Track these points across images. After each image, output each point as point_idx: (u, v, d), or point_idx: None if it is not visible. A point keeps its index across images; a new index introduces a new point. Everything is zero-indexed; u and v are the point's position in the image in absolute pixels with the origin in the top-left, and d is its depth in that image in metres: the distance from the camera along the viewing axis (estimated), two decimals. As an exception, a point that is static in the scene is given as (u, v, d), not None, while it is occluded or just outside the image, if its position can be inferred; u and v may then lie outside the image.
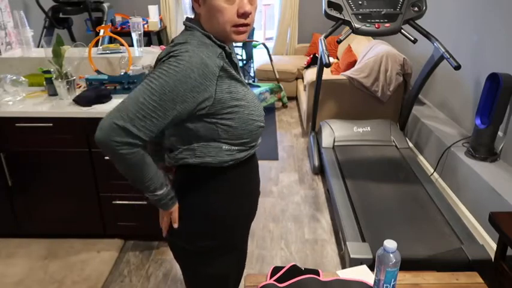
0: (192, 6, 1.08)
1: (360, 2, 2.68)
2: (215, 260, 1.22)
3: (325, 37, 2.83)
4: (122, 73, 2.31)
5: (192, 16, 1.11)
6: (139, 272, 2.22)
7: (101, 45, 2.99)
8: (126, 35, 4.44)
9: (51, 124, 2.10)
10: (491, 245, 2.18)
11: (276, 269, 1.35)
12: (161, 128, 0.98)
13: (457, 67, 2.53)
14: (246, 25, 1.04)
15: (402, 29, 2.66)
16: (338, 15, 2.67)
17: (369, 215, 2.31)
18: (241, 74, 1.16)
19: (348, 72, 3.55)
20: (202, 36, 1.05)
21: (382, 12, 2.66)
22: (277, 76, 4.72)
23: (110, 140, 0.93)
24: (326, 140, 3.25)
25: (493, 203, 2.20)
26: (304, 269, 1.36)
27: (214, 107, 1.03)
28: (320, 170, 3.27)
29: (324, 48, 2.78)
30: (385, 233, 2.15)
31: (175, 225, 1.17)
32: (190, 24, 1.08)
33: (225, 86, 1.04)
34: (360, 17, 2.66)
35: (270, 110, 4.66)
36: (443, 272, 1.37)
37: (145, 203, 2.26)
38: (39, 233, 2.43)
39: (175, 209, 1.16)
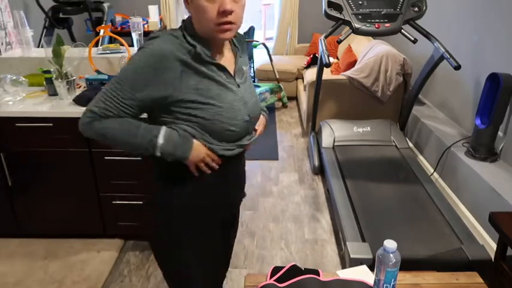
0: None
1: (360, 2, 2.68)
2: (173, 250, 1.26)
3: (325, 37, 2.83)
4: (122, 73, 2.31)
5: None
6: (139, 272, 2.22)
7: (101, 45, 2.99)
8: (126, 35, 4.44)
9: (51, 124, 2.10)
10: (491, 245, 2.18)
11: (276, 269, 1.35)
12: (126, 112, 1.06)
13: (457, 67, 2.53)
14: (229, 23, 1.05)
15: (402, 29, 2.66)
16: (338, 15, 2.67)
17: (369, 215, 2.31)
18: (227, 75, 1.14)
19: (348, 72, 3.55)
20: (179, 34, 1.10)
21: (382, 12, 2.66)
22: (277, 76, 4.72)
23: (81, 123, 1.08)
24: (326, 140, 3.25)
25: (493, 203, 2.20)
26: (304, 269, 1.36)
27: (181, 101, 1.07)
28: (320, 170, 3.27)
29: (324, 48, 2.78)
30: (385, 233, 2.15)
31: (214, 165, 1.17)
32: (182, 24, 1.14)
33: (193, 82, 1.07)
34: (360, 17, 2.66)
35: (270, 110, 4.66)
36: (443, 272, 1.37)
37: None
38: (39, 233, 2.43)
39: (196, 147, 1.11)
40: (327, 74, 3.70)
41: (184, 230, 1.24)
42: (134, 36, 2.55)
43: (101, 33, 3.54)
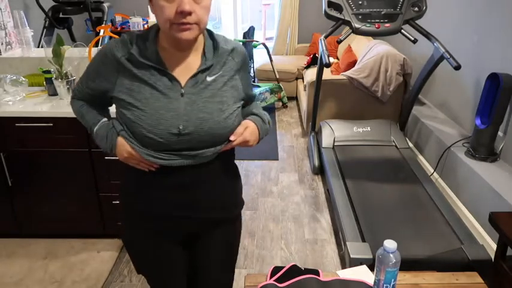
0: None
1: (360, 2, 2.68)
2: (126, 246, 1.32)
3: (325, 37, 2.83)
4: (122, 73, 2.31)
5: None
6: (139, 272, 2.22)
7: (100, 45, 2.99)
8: (126, 35, 4.44)
9: (51, 124, 2.10)
10: (491, 245, 2.18)
11: (276, 269, 1.35)
12: (86, 96, 1.23)
13: (457, 67, 2.53)
14: (189, 23, 1.02)
15: (402, 29, 2.66)
16: (338, 15, 2.67)
17: (369, 215, 2.31)
18: (171, 81, 1.09)
19: (348, 72, 3.55)
20: (134, 34, 1.13)
21: (382, 12, 2.66)
22: (277, 76, 4.72)
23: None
24: (326, 140, 3.25)
25: (493, 203, 2.20)
26: (304, 269, 1.36)
27: (117, 97, 1.12)
28: (320, 170, 3.27)
29: (324, 48, 2.78)
30: (385, 233, 2.15)
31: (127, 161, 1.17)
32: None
33: (127, 81, 1.10)
34: (360, 17, 2.66)
35: (270, 110, 4.66)
36: (443, 272, 1.37)
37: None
38: (39, 233, 2.43)
39: (119, 143, 1.14)
40: (327, 74, 3.69)
41: (127, 228, 1.28)
42: (134, 36, 2.55)
43: (101, 33, 3.54)
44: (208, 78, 1.12)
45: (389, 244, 1.09)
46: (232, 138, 1.15)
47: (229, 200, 1.29)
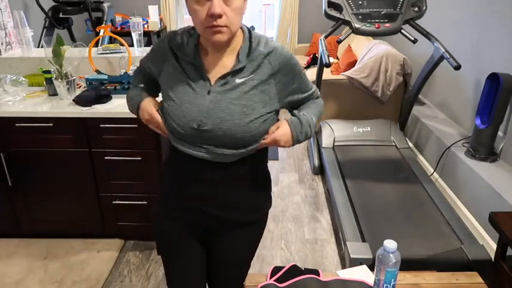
0: None
1: (360, 2, 2.68)
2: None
3: (325, 37, 2.83)
4: (122, 73, 2.31)
5: None
6: (139, 272, 2.22)
7: (101, 45, 2.99)
8: (126, 35, 4.44)
9: (51, 124, 2.10)
10: (491, 245, 2.18)
11: (276, 269, 1.35)
12: (145, 72, 1.29)
13: (457, 67, 2.53)
14: (219, 26, 1.04)
15: (402, 29, 2.66)
16: (338, 15, 2.67)
17: (369, 215, 2.31)
18: (201, 77, 1.13)
19: (348, 72, 3.55)
20: (185, 29, 1.20)
21: (382, 12, 2.66)
22: (277, 76, 4.71)
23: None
24: (326, 140, 3.25)
25: (493, 203, 2.20)
26: (304, 269, 1.36)
27: (160, 84, 1.20)
28: (320, 170, 3.27)
29: (324, 48, 2.78)
30: (385, 233, 2.15)
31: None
32: None
33: (169, 70, 1.17)
34: (360, 17, 2.66)
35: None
36: (443, 272, 1.37)
37: (145, 203, 2.26)
38: (39, 233, 2.43)
39: (143, 105, 1.24)
40: (327, 74, 3.70)
41: (158, 205, 1.34)
42: (134, 36, 2.55)
43: (101, 33, 3.54)
44: (238, 80, 1.12)
45: (389, 244, 1.09)
46: (265, 138, 1.17)
47: (248, 205, 1.28)
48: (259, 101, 1.12)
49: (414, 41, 2.65)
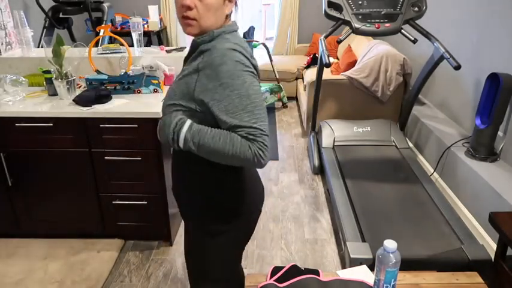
0: None
1: (360, 2, 2.67)
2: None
3: (325, 37, 2.83)
4: (122, 73, 2.31)
5: None
6: (139, 272, 2.22)
7: (101, 45, 2.99)
8: (126, 35, 4.45)
9: (51, 124, 2.10)
10: (491, 245, 2.18)
11: (276, 269, 1.35)
12: None
13: (457, 67, 2.53)
14: (188, 18, 1.10)
15: (402, 29, 2.66)
16: (338, 15, 2.67)
17: (369, 215, 2.31)
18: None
19: (348, 72, 3.55)
20: None
21: (382, 12, 2.66)
22: (277, 76, 4.72)
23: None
24: (326, 140, 3.25)
25: (493, 203, 2.20)
26: (304, 269, 1.36)
27: None
28: (320, 170, 3.27)
29: (324, 48, 2.78)
30: (385, 233, 2.15)
31: None
32: None
33: None
34: (360, 17, 2.66)
35: (270, 110, 4.66)
36: (443, 272, 1.37)
37: (145, 203, 2.26)
38: (39, 233, 2.43)
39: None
40: (327, 74, 3.70)
41: None
42: (134, 36, 2.55)
43: (101, 33, 3.54)
44: (186, 70, 1.18)
45: (390, 244, 1.09)
46: None
47: (183, 202, 1.34)
48: (180, 91, 1.15)
49: (414, 41, 2.65)
